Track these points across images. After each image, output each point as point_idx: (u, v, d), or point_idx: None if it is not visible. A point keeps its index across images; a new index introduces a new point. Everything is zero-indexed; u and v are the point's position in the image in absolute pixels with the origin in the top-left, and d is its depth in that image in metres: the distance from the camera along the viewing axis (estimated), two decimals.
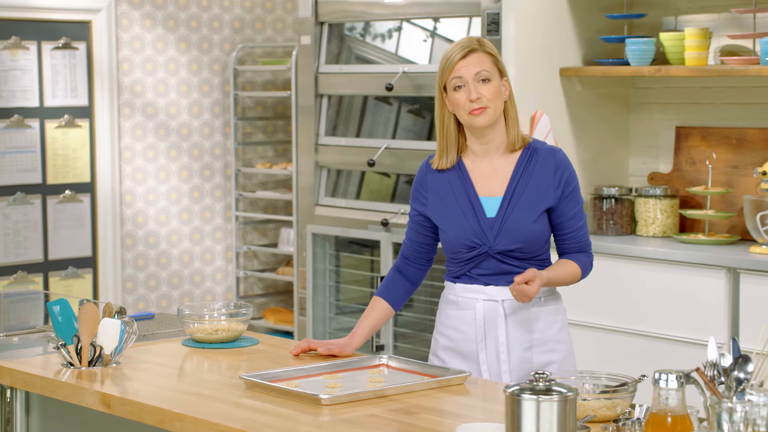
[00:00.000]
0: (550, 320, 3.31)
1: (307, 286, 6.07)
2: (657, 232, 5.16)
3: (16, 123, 6.00)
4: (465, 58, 3.24)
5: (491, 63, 3.25)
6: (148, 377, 3.09)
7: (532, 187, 3.26)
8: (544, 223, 3.28)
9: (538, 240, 3.26)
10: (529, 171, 3.27)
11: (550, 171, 3.27)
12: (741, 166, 5.10)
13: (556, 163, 3.28)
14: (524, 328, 3.28)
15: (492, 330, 3.28)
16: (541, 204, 3.26)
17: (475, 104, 3.21)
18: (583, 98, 5.37)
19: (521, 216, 3.24)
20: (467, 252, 3.27)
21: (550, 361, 3.29)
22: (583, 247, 3.34)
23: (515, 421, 2.28)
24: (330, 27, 6.03)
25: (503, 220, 3.25)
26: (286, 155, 6.91)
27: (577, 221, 3.31)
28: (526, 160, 3.28)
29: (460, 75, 3.23)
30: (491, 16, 5.15)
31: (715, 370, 2.46)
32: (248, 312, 3.48)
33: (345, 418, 2.67)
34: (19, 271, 6.05)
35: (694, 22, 5.24)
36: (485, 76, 3.22)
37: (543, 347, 3.29)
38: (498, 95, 3.23)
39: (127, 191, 6.36)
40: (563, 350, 3.33)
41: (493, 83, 3.23)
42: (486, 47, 3.26)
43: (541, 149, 3.30)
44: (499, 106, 3.24)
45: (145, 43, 6.38)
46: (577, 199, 3.32)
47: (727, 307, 4.58)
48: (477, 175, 3.31)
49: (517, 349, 3.27)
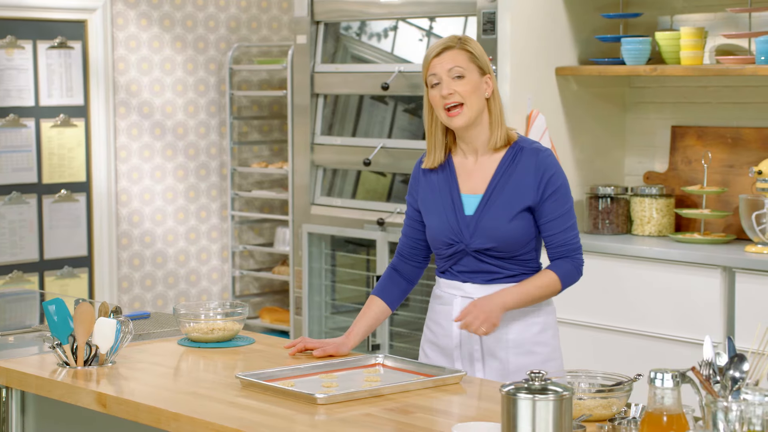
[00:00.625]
0: (529, 322, 3.28)
1: (303, 285, 6.07)
2: (653, 232, 5.16)
3: (12, 122, 6.00)
4: (439, 56, 3.25)
5: (467, 60, 3.24)
6: (143, 377, 3.09)
7: (512, 186, 3.24)
8: (524, 224, 3.24)
9: (515, 240, 3.23)
10: (512, 170, 3.26)
11: (531, 170, 3.24)
12: (737, 166, 5.10)
13: (537, 163, 3.24)
14: (500, 329, 3.26)
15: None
16: (519, 203, 3.23)
17: (448, 100, 3.21)
18: (578, 98, 5.37)
19: (497, 215, 3.23)
20: (446, 249, 3.29)
21: (527, 363, 3.25)
22: (567, 252, 3.26)
23: (511, 420, 2.28)
24: (326, 26, 6.03)
25: (479, 218, 3.25)
26: (282, 154, 6.91)
27: (562, 224, 3.25)
28: (510, 158, 3.27)
29: (434, 72, 3.24)
30: (487, 16, 5.15)
31: (711, 369, 2.46)
32: (244, 311, 3.48)
33: (341, 418, 2.67)
34: (15, 270, 6.05)
35: (689, 22, 5.25)
36: (459, 72, 3.22)
37: (520, 348, 3.27)
38: (474, 92, 3.22)
39: (123, 191, 6.36)
40: (544, 353, 3.29)
41: (467, 80, 3.22)
42: (465, 44, 3.25)
43: (526, 148, 3.27)
44: (475, 104, 3.23)
45: (141, 43, 6.38)
46: (563, 201, 3.25)
47: (722, 306, 4.58)
48: (462, 173, 3.32)
49: (493, 348, 3.27)
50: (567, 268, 3.26)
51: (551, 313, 3.34)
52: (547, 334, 3.31)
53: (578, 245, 3.28)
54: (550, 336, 3.32)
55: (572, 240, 3.26)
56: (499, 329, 3.26)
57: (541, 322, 3.30)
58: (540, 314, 3.30)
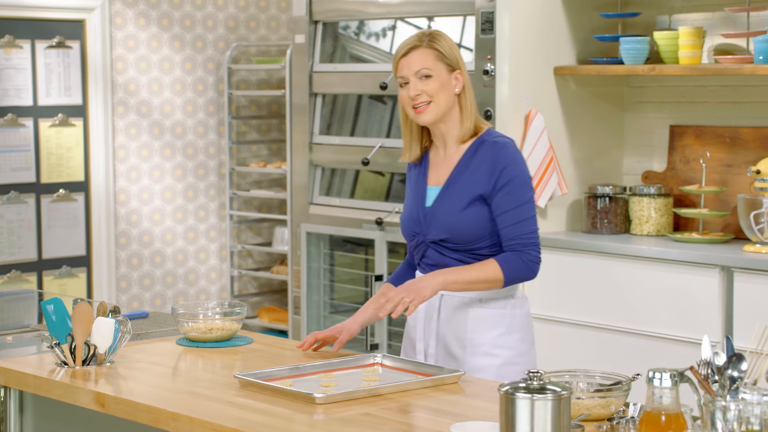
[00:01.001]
0: (491, 323, 3.27)
1: (302, 285, 6.07)
2: (651, 231, 5.17)
3: (10, 122, 6.00)
4: (406, 56, 3.26)
5: (434, 58, 3.25)
6: (142, 376, 3.09)
7: (468, 176, 3.25)
8: (477, 215, 3.23)
9: (468, 231, 3.22)
10: (471, 162, 3.27)
11: (486, 161, 3.24)
12: (735, 165, 5.10)
13: (493, 154, 3.24)
14: (458, 326, 3.28)
15: (428, 323, 3.31)
16: (471, 193, 3.23)
17: (416, 100, 3.23)
18: (577, 97, 5.37)
19: (450, 205, 3.25)
20: (411, 240, 3.34)
21: (484, 365, 3.24)
22: (517, 246, 3.21)
23: (509, 419, 2.28)
24: (324, 26, 6.03)
25: (435, 208, 3.28)
26: (281, 154, 6.91)
27: (514, 217, 3.20)
28: (473, 151, 3.28)
29: (402, 74, 3.27)
30: (485, 15, 5.15)
31: (709, 369, 2.46)
32: (242, 311, 3.48)
33: (339, 417, 2.67)
34: (13, 270, 6.04)
35: (688, 21, 5.25)
36: (425, 73, 3.24)
37: (477, 349, 3.27)
38: (442, 90, 3.24)
39: (121, 190, 6.36)
40: (504, 356, 3.26)
41: (435, 79, 3.23)
42: (433, 42, 3.26)
43: (487, 140, 3.28)
44: (444, 101, 3.25)
45: (139, 42, 6.38)
46: (517, 194, 3.21)
47: (721, 305, 4.58)
48: (432, 166, 3.36)
49: (450, 346, 3.28)
50: (513, 262, 3.20)
51: (519, 317, 3.31)
52: (510, 337, 3.28)
53: (532, 241, 3.22)
54: (515, 340, 3.29)
55: (525, 234, 3.22)
56: (457, 328, 3.27)
57: (505, 325, 3.28)
58: (504, 317, 3.28)
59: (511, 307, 3.30)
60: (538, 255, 3.23)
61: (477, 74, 5.18)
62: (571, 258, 5.01)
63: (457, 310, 3.28)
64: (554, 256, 5.04)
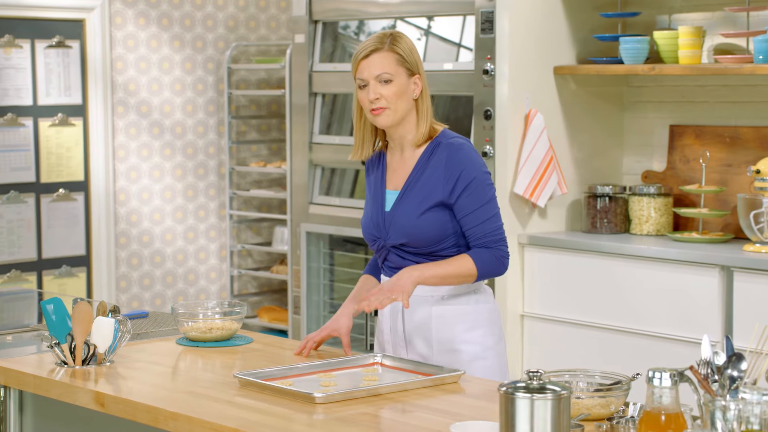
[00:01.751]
0: (455, 319, 3.27)
1: (302, 284, 6.07)
2: (651, 231, 5.17)
3: (10, 121, 6.00)
4: (367, 58, 3.24)
5: (395, 63, 3.23)
6: (142, 376, 3.09)
7: (424, 181, 3.25)
8: (436, 219, 3.22)
9: (427, 236, 3.22)
10: (427, 165, 3.26)
11: (442, 165, 3.23)
12: (735, 165, 5.10)
13: (448, 157, 3.23)
14: (423, 326, 3.28)
15: (395, 324, 3.32)
16: (429, 199, 3.23)
17: (374, 105, 3.22)
18: (577, 97, 5.37)
19: (408, 210, 3.24)
20: (372, 244, 3.34)
21: (451, 361, 3.24)
22: (488, 243, 3.21)
23: (509, 419, 2.28)
24: (324, 25, 6.03)
25: (393, 213, 3.27)
26: (280, 154, 6.91)
27: (479, 217, 3.21)
28: (428, 154, 3.27)
29: (362, 76, 3.24)
30: (485, 15, 5.15)
31: (709, 369, 2.46)
32: (242, 310, 3.48)
33: (339, 417, 2.67)
34: (13, 269, 6.04)
35: (687, 21, 5.25)
36: (386, 78, 3.22)
37: (443, 346, 3.27)
38: (400, 95, 3.23)
39: (121, 190, 6.36)
40: (471, 351, 3.26)
41: (395, 84, 3.22)
42: (395, 45, 3.24)
43: (443, 143, 3.27)
44: (401, 106, 3.23)
45: (139, 42, 6.38)
46: (478, 195, 3.21)
47: (720, 305, 4.58)
48: (390, 169, 3.35)
49: (417, 346, 3.29)
50: (485, 257, 3.20)
51: (484, 312, 3.31)
52: (476, 332, 3.28)
53: (500, 237, 3.23)
54: (480, 335, 3.29)
55: (493, 231, 3.22)
56: (422, 327, 3.27)
57: (469, 321, 3.28)
58: (468, 313, 3.28)
59: (475, 302, 3.30)
60: (507, 250, 3.25)
61: (477, 74, 5.18)
62: (571, 258, 5.01)
63: (420, 309, 3.28)
64: (554, 256, 5.04)
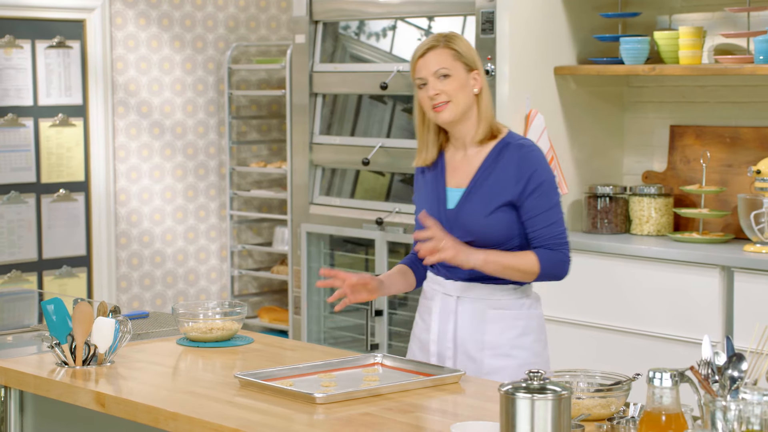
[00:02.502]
0: (508, 324, 3.26)
1: (302, 284, 6.07)
2: (651, 231, 5.17)
3: (10, 122, 6.00)
4: (423, 57, 3.26)
5: (452, 58, 3.25)
6: (142, 376, 3.09)
7: (493, 180, 3.24)
8: (504, 219, 3.22)
9: (493, 235, 3.21)
10: (495, 165, 3.26)
11: (513, 166, 3.23)
12: (735, 165, 5.10)
13: (520, 158, 3.23)
14: (476, 329, 3.26)
15: (444, 325, 3.30)
16: (498, 198, 3.22)
17: (435, 100, 3.23)
18: (577, 97, 5.37)
19: (475, 209, 3.23)
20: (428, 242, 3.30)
21: (502, 366, 3.23)
22: (553, 245, 3.22)
23: (509, 419, 2.28)
24: (324, 26, 6.03)
25: (459, 211, 3.26)
26: (281, 154, 6.91)
27: (546, 219, 3.21)
28: (496, 153, 3.27)
29: (421, 75, 3.26)
30: (486, 15, 5.15)
31: (710, 369, 2.46)
32: (243, 311, 3.48)
33: (339, 417, 2.67)
34: (13, 270, 6.04)
35: (688, 21, 5.25)
36: (444, 72, 3.24)
37: (496, 350, 3.25)
38: (461, 89, 3.24)
39: (122, 190, 6.36)
40: (522, 357, 3.26)
41: (453, 78, 3.23)
42: (450, 43, 3.26)
43: (512, 143, 3.27)
44: (463, 100, 3.24)
45: (140, 42, 6.38)
46: (547, 197, 3.22)
47: (721, 305, 4.58)
48: (451, 167, 3.33)
49: (468, 349, 3.27)
50: (550, 257, 3.21)
51: (534, 318, 3.30)
52: (527, 338, 3.28)
53: (565, 241, 3.25)
54: (531, 340, 3.28)
55: (558, 235, 3.23)
56: (476, 329, 3.26)
57: (521, 326, 3.27)
58: (521, 318, 3.27)
59: (527, 307, 3.29)
60: (570, 255, 3.25)
61: None
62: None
63: (474, 312, 3.27)
64: None
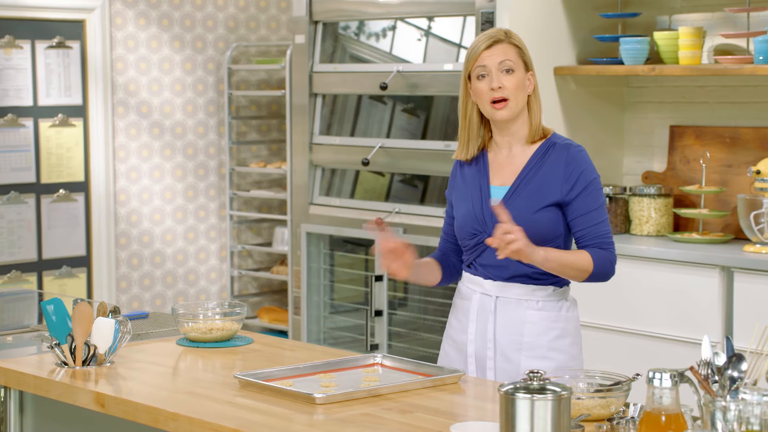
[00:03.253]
0: (547, 326, 3.24)
1: (302, 285, 6.07)
2: (651, 231, 5.17)
3: (10, 122, 6.00)
4: (490, 48, 3.24)
5: (516, 55, 3.25)
6: (142, 376, 3.09)
7: (541, 179, 3.22)
8: (550, 218, 3.20)
9: (538, 233, 3.17)
10: (542, 164, 3.24)
11: (561, 165, 3.22)
12: (735, 165, 5.10)
13: (568, 158, 3.22)
14: (514, 330, 3.24)
15: (482, 325, 3.27)
16: (546, 197, 3.20)
17: (496, 93, 3.21)
18: (577, 97, 5.37)
19: (522, 206, 3.20)
20: (470, 239, 3.27)
21: (540, 367, 3.16)
22: (602, 244, 3.22)
23: (509, 420, 2.28)
24: (324, 26, 6.03)
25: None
26: (281, 154, 6.91)
27: (594, 218, 3.21)
28: (542, 152, 3.25)
29: (484, 64, 3.23)
30: (485, 15, 5.15)
31: (709, 369, 2.46)
32: (242, 311, 3.48)
33: (339, 417, 2.67)
34: (13, 270, 6.04)
35: (688, 21, 5.25)
36: (509, 66, 3.23)
37: (533, 352, 3.23)
38: (521, 88, 3.23)
39: (121, 190, 6.36)
40: (559, 359, 3.24)
41: (516, 75, 3.23)
42: (513, 39, 3.26)
43: (558, 143, 3.26)
44: (521, 99, 3.24)
45: (139, 42, 6.38)
46: (595, 196, 3.22)
47: (721, 305, 4.58)
48: (495, 166, 3.31)
49: (505, 349, 3.24)
50: (602, 255, 3.20)
51: (572, 320, 3.29)
52: (565, 341, 3.26)
53: (612, 240, 3.24)
54: (569, 343, 3.27)
55: (606, 234, 3.23)
56: (514, 330, 3.24)
57: (559, 328, 3.25)
58: (559, 320, 3.25)
59: (566, 309, 3.28)
60: (616, 256, 3.25)
61: None
62: None
63: (513, 312, 3.24)
64: None
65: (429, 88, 5.53)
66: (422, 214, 5.51)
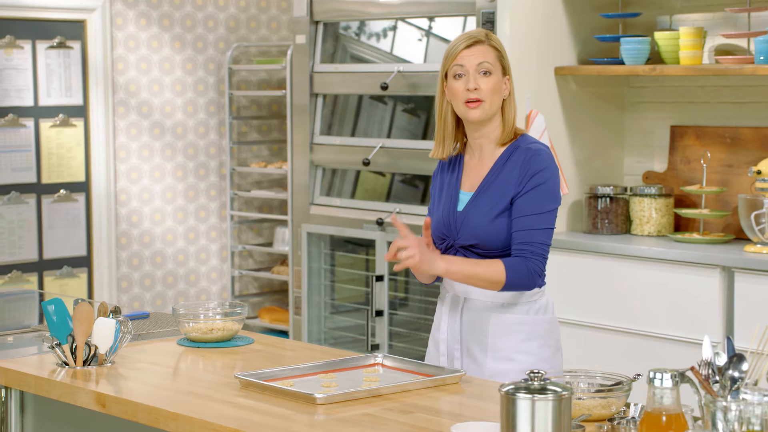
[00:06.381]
0: (512, 329, 3.23)
1: (302, 285, 6.07)
2: (652, 231, 5.17)
3: (11, 122, 6.00)
4: (469, 48, 3.23)
5: (495, 57, 3.23)
6: (143, 376, 3.09)
7: (500, 183, 3.22)
8: (509, 223, 3.19)
9: (498, 238, 3.18)
10: (503, 168, 3.23)
11: (517, 167, 3.20)
12: (735, 165, 5.10)
13: (525, 160, 3.19)
14: (480, 331, 3.25)
15: (453, 326, 3.30)
16: (503, 201, 3.20)
17: (471, 94, 3.20)
18: (578, 97, 5.37)
19: (481, 212, 3.21)
20: (440, 244, 3.29)
21: (504, 369, 3.20)
22: (525, 252, 3.14)
23: (510, 420, 2.28)
24: (325, 26, 6.03)
25: (466, 214, 3.24)
26: (281, 154, 6.91)
27: (530, 223, 3.15)
28: (506, 157, 3.25)
29: (462, 63, 3.22)
30: (486, 15, 5.15)
31: (710, 369, 2.46)
32: (243, 311, 3.48)
33: (340, 418, 2.67)
34: (14, 270, 6.04)
35: (688, 21, 5.25)
36: (487, 68, 3.21)
37: (498, 354, 3.23)
38: (496, 91, 3.22)
39: (122, 190, 6.36)
40: (527, 362, 3.21)
41: (493, 77, 3.21)
42: (492, 41, 3.25)
43: (521, 147, 3.24)
44: (495, 102, 3.22)
45: (140, 43, 6.38)
46: (540, 200, 3.16)
47: (721, 306, 4.58)
48: (467, 170, 3.32)
49: (472, 350, 3.26)
50: (518, 268, 3.14)
51: (542, 323, 3.27)
52: (532, 343, 3.24)
53: (540, 252, 3.16)
54: (537, 346, 3.25)
55: (536, 243, 3.15)
56: (479, 332, 3.26)
57: (525, 331, 3.24)
58: (526, 323, 3.24)
59: (534, 312, 3.26)
60: (543, 268, 3.18)
61: None
62: (571, 258, 5.01)
63: (479, 314, 3.25)
64: (555, 257, 5.04)
65: (429, 89, 5.53)
66: (423, 214, 5.51)
